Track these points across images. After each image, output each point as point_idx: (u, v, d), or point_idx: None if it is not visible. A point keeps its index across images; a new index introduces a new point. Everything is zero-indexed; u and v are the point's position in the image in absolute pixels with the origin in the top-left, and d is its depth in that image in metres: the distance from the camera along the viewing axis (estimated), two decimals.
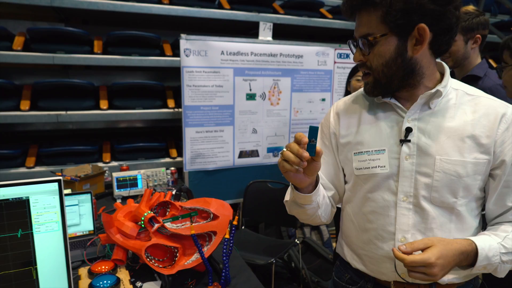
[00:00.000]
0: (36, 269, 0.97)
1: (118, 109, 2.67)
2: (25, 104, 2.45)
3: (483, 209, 0.92)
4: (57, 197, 0.97)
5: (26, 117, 2.44)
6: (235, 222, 1.28)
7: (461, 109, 0.87)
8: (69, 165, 2.50)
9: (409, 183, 0.87)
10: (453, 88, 0.90)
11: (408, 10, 0.79)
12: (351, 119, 0.96)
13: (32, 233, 0.96)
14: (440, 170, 0.84)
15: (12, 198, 0.92)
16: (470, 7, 1.65)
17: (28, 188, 0.93)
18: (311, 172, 0.81)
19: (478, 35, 1.63)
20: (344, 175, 1.02)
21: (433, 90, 0.86)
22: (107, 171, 2.36)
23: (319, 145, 1.00)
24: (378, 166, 0.89)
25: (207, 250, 1.27)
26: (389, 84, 0.87)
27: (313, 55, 2.77)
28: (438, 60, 0.92)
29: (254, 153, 2.72)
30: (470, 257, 0.80)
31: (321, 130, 1.04)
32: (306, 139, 0.74)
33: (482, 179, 0.86)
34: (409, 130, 0.87)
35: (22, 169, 2.47)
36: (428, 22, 0.80)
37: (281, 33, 3.41)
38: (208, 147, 2.57)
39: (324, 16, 3.37)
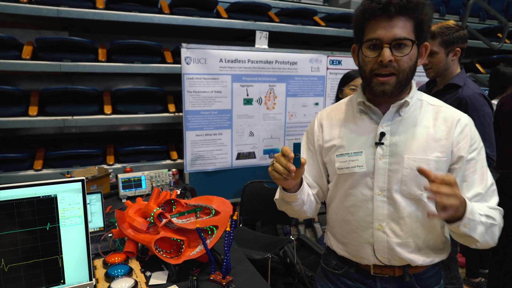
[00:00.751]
0: (61, 258, 1.11)
1: (121, 113, 2.80)
2: (33, 110, 2.58)
3: None
4: (81, 195, 1.11)
5: (34, 122, 2.57)
6: (235, 217, 1.42)
7: (425, 117, 1.02)
8: (75, 168, 2.63)
9: (383, 179, 1.02)
10: (418, 99, 1.05)
11: (429, 27, 0.96)
12: (333, 126, 1.11)
13: (59, 226, 1.09)
14: (408, 167, 0.99)
15: (43, 196, 1.06)
16: (451, 22, 1.82)
17: (56, 187, 1.07)
18: (297, 177, 0.96)
19: (458, 48, 1.79)
20: (328, 175, 1.17)
21: (402, 101, 1.01)
22: (112, 173, 2.49)
23: (304, 150, 1.17)
24: (357, 166, 1.03)
25: (210, 242, 1.41)
26: (403, 87, 0.99)
27: (307, 62, 2.92)
28: None
29: (251, 155, 2.87)
30: (462, 207, 0.87)
31: (306, 137, 1.19)
32: (292, 155, 0.90)
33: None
34: (383, 134, 1.02)
35: (30, 172, 2.59)
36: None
37: (277, 40, 3.56)
38: (207, 149, 2.72)
39: (317, 24, 3.53)
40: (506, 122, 2.16)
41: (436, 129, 1.00)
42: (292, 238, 2.65)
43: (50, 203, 1.07)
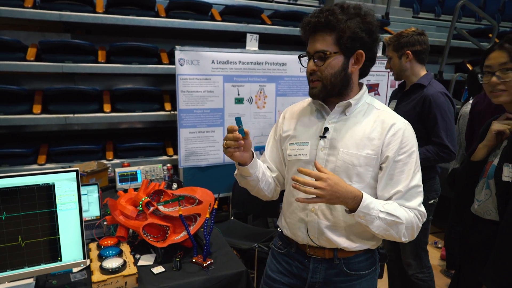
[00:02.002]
0: (59, 238, 1.27)
1: (120, 112, 2.96)
2: (37, 108, 2.75)
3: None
4: (75, 183, 1.27)
5: (38, 119, 2.74)
6: (215, 206, 1.58)
7: (367, 118, 1.16)
8: (76, 162, 2.80)
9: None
10: (366, 102, 1.19)
11: (354, 39, 1.10)
12: (292, 119, 1.28)
13: (56, 211, 1.25)
14: (341, 159, 1.13)
15: (42, 184, 1.22)
16: (410, 29, 2.01)
17: (54, 176, 1.23)
18: (247, 148, 1.13)
19: (408, 51, 1.97)
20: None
21: (345, 102, 1.16)
22: (110, 167, 2.66)
23: (271, 139, 1.34)
24: (302, 154, 1.19)
25: (193, 228, 1.57)
26: (331, 91, 1.15)
27: (296, 63, 3.06)
28: (361, 81, 1.22)
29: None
30: (355, 201, 1.01)
31: (274, 127, 1.36)
32: (236, 127, 1.09)
33: (373, 171, 1.13)
34: (326, 129, 1.17)
35: (34, 166, 2.76)
36: (364, 50, 1.13)
37: (269, 41, 3.71)
38: (200, 146, 2.87)
39: None
40: (480, 120, 2.28)
41: (372, 129, 1.14)
42: (280, 230, 2.79)
43: (49, 190, 1.23)
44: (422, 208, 1.13)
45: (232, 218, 2.94)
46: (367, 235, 1.18)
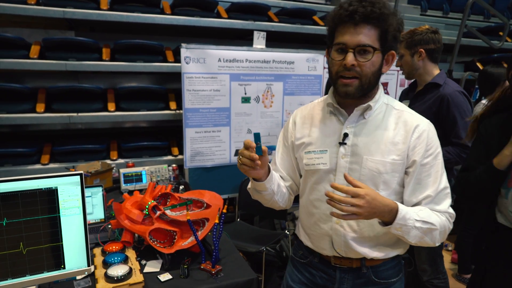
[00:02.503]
0: (62, 245, 1.22)
1: (124, 111, 2.91)
2: (40, 107, 2.70)
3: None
4: (79, 187, 1.21)
5: (41, 118, 2.69)
6: (224, 210, 1.52)
7: (388, 120, 1.09)
8: (80, 162, 2.75)
9: (343, 177, 1.08)
10: (384, 103, 1.12)
11: (394, 37, 1.04)
12: (304, 125, 1.19)
13: (59, 216, 1.20)
14: (366, 167, 1.06)
15: (44, 188, 1.16)
16: (424, 27, 1.94)
17: (57, 180, 1.18)
18: (263, 165, 1.04)
19: (421, 49, 1.90)
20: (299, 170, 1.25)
21: (365, 105, 1.08)
22: (114, 168, 2.60)
23: (280, 146, 1.26)
24: (321, 163, 1.11)
25: (201, 233, 1.51)
26: (366, 90, 1.06)
27: (304, 61, 2.99)
28: None
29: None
30: (391, 213, 0.96)
31: (283, 133, 1.27)
32: (253, 144, 0.98)
33: (399, 176, 1.07)
34: (346, 135, 1.09)
35: (38, 166, 2.71)
36: (395, 51, 1.07)
37: (276, 39, 3.64)
38: (206, 146, 2.81)
39: (316, 23, 3.59)
40: None
41: (396, 133, 1.07)
42: (288, 233, 2.74)
43: (51, 194, 1.18)
44: (451, 210, 1.08)
45: (238, 219, 2.88)
46: (394, 242, 1.13)
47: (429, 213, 1.03)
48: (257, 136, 1.00)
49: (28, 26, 3.10)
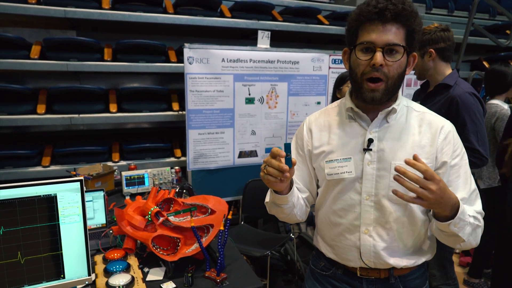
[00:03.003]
0: (61, 254, 1.17)
1: (126, 112, 2.86)
2: (41, 108, 2.66)
3: None
4: (79, 194, 1.17)
5: (42, 120, 2.65)
6: (229, 216, 1.47)
7: (411, 123, 1.04)
8: (81, 164, 2.70)
9: (371, 185, 1.04)
10: (404, 105, 1.07)
11: (418, 38, 0.99)
12: (322, 132, 1.13)
13: (58, 224, 1.15)
14: (395, 173, 1.01)
15: (43, 195, 1.12)
16: (433, 25, 1.87)
17: (56, 186, 1.13)
18: (288, 179, 0.96)
19: (431, 49, 1.84)
20: (317, 180, 1.18)
21: (390, 108, 1.03)
22: (116, 170, 2.56)
23: (294, 155, 1.18)
24: (346, 172, 1.05)
25: (205, 240, 1.46)
26: (391, 94, 1.01)
27: (309, 61, 2.94)
28: None
29: (253, 153, 2.91)
30: (454, 207, 0.90)
31: (295, 141, 1.20)
32: (283, 153, 0.90)
33: None
34: (371, 140, 1.04)
35: (39, 168, 2.67)
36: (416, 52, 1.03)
37: (280, 38, 3.58)
38: (210, 147, 2.76)
39: (321, 22, 3.54)
40: None
41: (421, 136, 1.03)
42: (293, 236, 2.69)
43: (50, 202, 1.13)
44: (483, 211, 1.03)
45: (242, 222, 2.83)
46: (422, 249, 1.09)
47: (473, 211, 0.99)
48: (287, 147, 0.91)
49: (29, 26, 3.06)
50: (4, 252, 1.10)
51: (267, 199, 1.14)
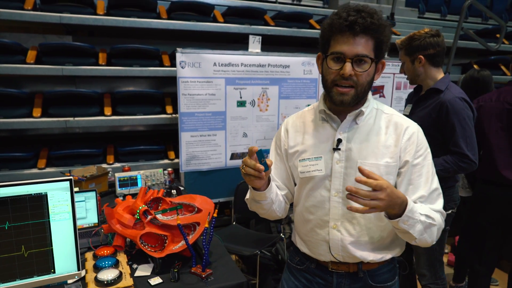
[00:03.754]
0: (52, 250, 1.23)
1: (121, 115, 2.93)
2: (37, 112, 2.72)
3: None
4: (69, 193, 1.23)
5: (38, 123, 2.71)
6: (215, 215, 1.53)
7: (379, 124, 1.11)
8: (77, 166, 2.76)
9: (339, 182, 1.11)
10: (374, 108, 1.14)
11: (387, 48, 1.07)
12: (297, 133, 1.20)
13: (49, 221, 1.21)
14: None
15: (34, 193, 1.18)
16: (424, 30, 1.90)
17: (46, 185, 1.19)
18: (266, 175, 1.04)
19: (420, 56, 1.88)
20: (294, 178, 1.25)
21: (357, 110, 1.10)
22: (110, 172, 2.62)
23: (273, 154, 1.26)
24: (317, 170, 1.12)
25: (192, 237, 1.52)
26: (360, 99, 1.08)
27: (299, 65, 3.01)
28: None
29: (244, 155, 2.96)
30: (402, 205, 0.96)
31: (275, 142, 1.28)
32: (256, 148, 0.98)
33: (394, 179, 1.09)
34: (339, 141, 1.10)
35: (34, 170, 2.73)
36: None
37: (272, 43, 3.66)
38: (202, 149, 2.83)
39: (313, 27, 3.61)
40: (491, 127, 2.15)
41: (387, 136, 1.10)
42: (283, 236, 2.74)
43: (41, 200, 1.19)
44: (443, 211, 1.09)
45: (234, 223, 2.89)
46: (389, 244, 1.14)
47: (429, 209, 1.05)
48: (260, 154, 0.99)
49: (26, 31, 3.13)
50: None
51: (248, 196, 1.20)
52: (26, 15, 2.64)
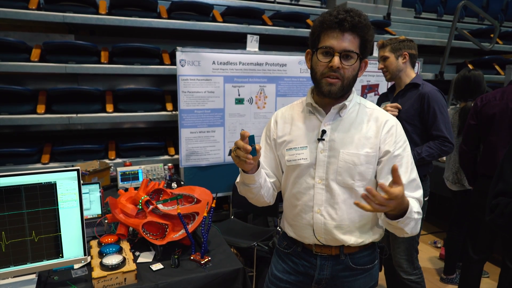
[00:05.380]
0: (60, 235, 1.32)
1: (122, 112, 3.01)
2: (41, 108, 2.81)
3: None
4: (76, 182, 1.31)
5: (42, 119, 2.79)
6: (213, 205, 1.61)
7: (361, 117, 1.20)
8: (79, 162, 2.85)
9: (323, 170, 1.19)
10: (357, 103, 1.23)
11: (371, 47, 1.16)
12: (286, 124, 1.28)
13: (58, 208, 1.29)
14: (342, 160, 1.16)
15: (44, 182, 1.26)
16: (402, 37, 2.14)
17: (56, 175, 1.27)
18: (255, 160, 1.10)
19: (405, 52, 2.08)
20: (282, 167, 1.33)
21: (341, 103, 1.18)
22: (112, 167, 2.70)
23: (264, 144, 1.34)
24: (302, 158, 1.21)
25: (191, 226, 1.61)
26: (345, 92, 1.17)
27: (296, 64, 3.09)
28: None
29: None
30: (404, 209, 1.03)
31: (265, 132, 1.36)
32: (248, 133, 1.04)
33: (373, 167, 1.18)
34: (324, 131, 1.19)
35: (38, 165, 2.81)
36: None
37: (270, 42, 3.74)
38: (201, 145, 2.91)
39: (310, 27, 3.68)
40: (494, 124, 2.21)
41: (368, 128, 1.18)
42: (280, 229, 2.82)
43: (51, 188, 1.27)
44: (421, 199, 1.17)
45: (232, 217, 2.97)
46: (369, 229, 1.23)
47: (417, 204, 1.13)
48: (251, 139, 1.05)
49: (29, 30, 3.21)
50: (10, 233, 1.24)
51: (238, 179, 1.28)
52: (30, 14, 2.72)
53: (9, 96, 2.76)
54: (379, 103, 2.32)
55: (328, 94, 1.14)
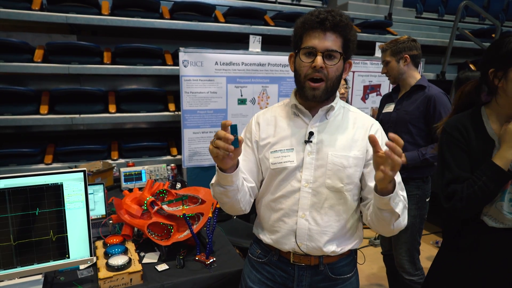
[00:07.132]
0: (67, 236, 1.32)
1: (125, 112, 3.01)
2: (44, 109, 2.81)
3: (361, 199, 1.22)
4: (82, 183, 1.32)
5: (45, 120, 2.79)
6: (217, 206, 1.62)
7: (346, 121, 1.20)
8: (82, 162, 2.85)
9: (310, 173, 1.16)
10: (341, 106, 1.23)
11: (354, 48, 1.15)
12: (268, 126, 1.24)
13: (64, 209, 1.30)
14: (331, 162, 1.14)
15: (51, 183, 1.27)
16: (404, 37, 2.13)
17: (62, 176, 1.28)
18: (235, 156, 1.00)
19: (406, 55, 2.08)
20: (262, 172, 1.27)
21: (328, 105, 1.18)
22: (115, 167, 2.71)
23: (243, 147, 1.25)
24: (288, 161, 1.17)
25: (196, 227, 1.61)
26: (330, 94, 1.16)
27: None
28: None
29: None
30: (394, 182, 1.00)
31: (244, 135, 1.29)
32: (230, 122, 0.97)
33: (360, 170, 1.16)
34: (311, 133, 1.17)
35: (41, 166, 2.82)
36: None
37: (272, 42, 3.74)
38: (204, 146, 2.92)
39: None
40: None
41: (355, 131, 1.18)
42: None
43: (57, 189, 1.28)
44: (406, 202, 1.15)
45: (235, 217, 2.97)
46: (350, 236, 1.21)
47: (402, 192, 1.12)
48: (233, 128, 0.96)
49: (32, 31, 3.21)
50: (17, 234, 1.25)
51: (213, 180, 1.15)
52: (33, 15, 2.72)
53: (12, 96, 2.76)
54: (382, 104, 2.33)
55: (312, 99, 1.13)
